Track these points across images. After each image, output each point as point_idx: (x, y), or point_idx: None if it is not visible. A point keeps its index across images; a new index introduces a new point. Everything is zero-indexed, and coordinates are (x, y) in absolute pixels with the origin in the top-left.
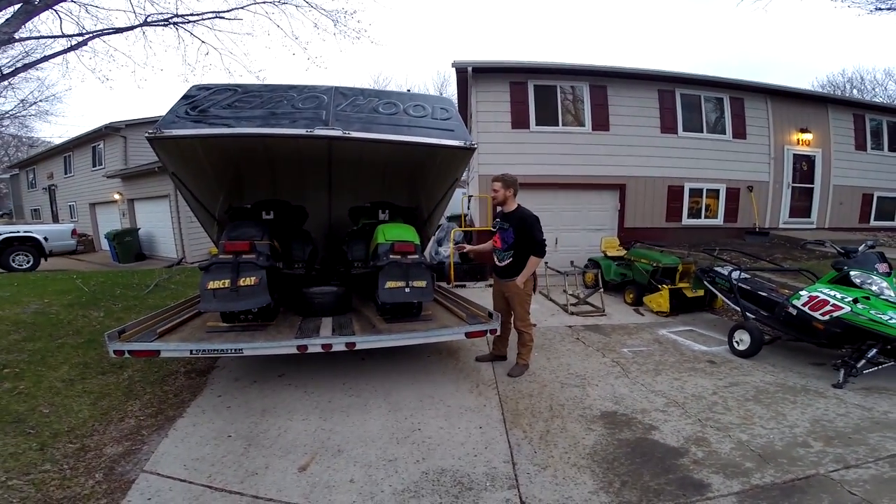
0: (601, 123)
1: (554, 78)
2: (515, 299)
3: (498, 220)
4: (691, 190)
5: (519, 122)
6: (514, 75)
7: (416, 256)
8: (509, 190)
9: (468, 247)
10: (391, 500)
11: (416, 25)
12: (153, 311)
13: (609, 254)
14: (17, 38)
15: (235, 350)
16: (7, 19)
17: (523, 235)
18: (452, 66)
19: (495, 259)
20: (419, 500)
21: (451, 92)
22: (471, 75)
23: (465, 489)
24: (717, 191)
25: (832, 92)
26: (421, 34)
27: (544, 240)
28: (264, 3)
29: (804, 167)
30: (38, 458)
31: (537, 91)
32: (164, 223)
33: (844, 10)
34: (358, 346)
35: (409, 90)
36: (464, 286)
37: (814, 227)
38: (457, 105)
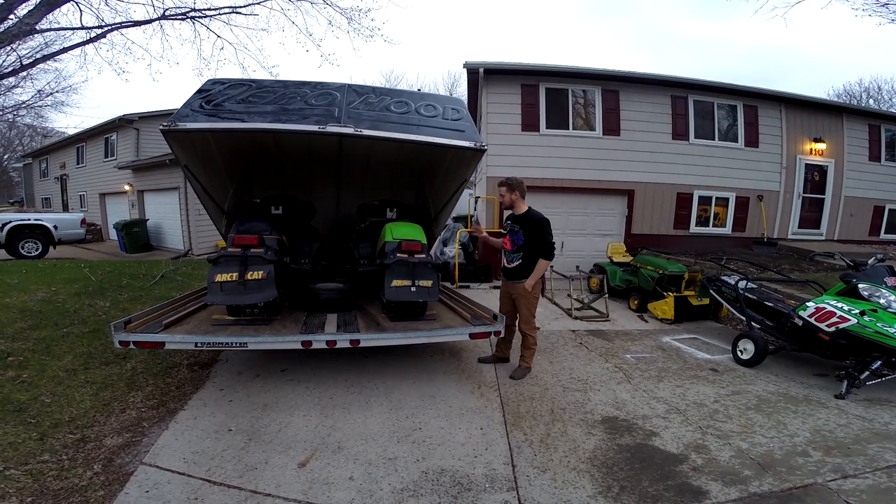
0: (612, 128)
1: (566, 81)
2: (522, 301)
3: (508, 221)
4: (700, 198)
5: (529, 124)
6: (525, 77)
7: (423, 256)
8: (514, 193)
9: (484, 231)
10: (390, 499)
11: (428, 24)
12: (159, 302)
13: (615, 259)
14: (38, 29)
15: (240, 344)
16: (30, 10)
17: (532, 238)
18: (464, 67)
19: (504, 260)
20: (418, 499)
21: (462, 92)
22: (482, 76)
23: (465, 490)
24: (727, 199)
25: (848, 101)
26: (433, 33)
27: (553, 243)
28: None
29: (816, 177)
30: (38, 448)
31: (548, 94)
32: (172, 215)
33: (865, 19)
34: (362, 344)
35: (419, 89)
36: (468, 287)
37: (823, 238)
38: (467, 105)
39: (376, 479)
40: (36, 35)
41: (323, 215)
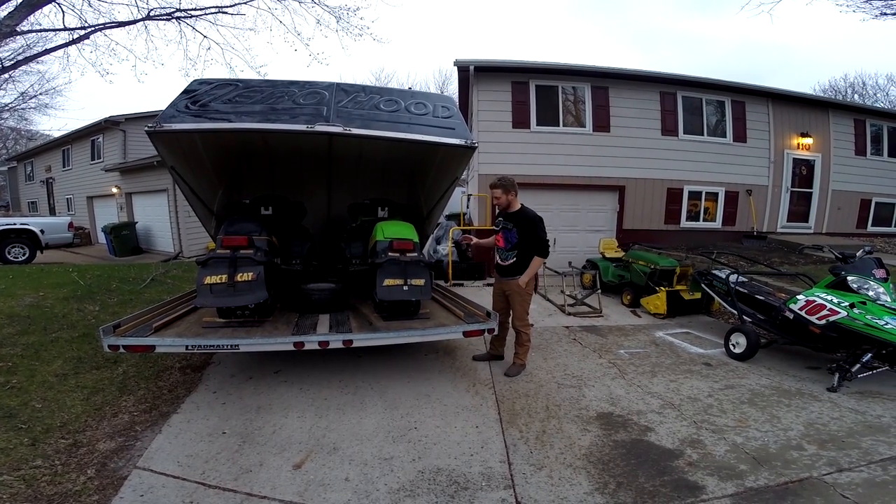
0: (602, 124)
1: (556, 78)
2: (516, 298)
3: (501, 219)
4: (690, 193)
5: (520, 121)
6: (516, 75)
7: (415, 254)
8: (510, 193)
9: (475, 239)
10: (386, 499)
11: (418, 23)
12: (149, 305)
13: (607, 255)
14: (19, 30)
15: (231, 346)
16: (10, 12)
17: (527, 235)
18: (455, 65)
19: (497, 258)
20: (415, 499)
21: (453, 90)
22: (473, 74)
23: (461, 489)
24: (716, 194)
25: (834, 96)
26: (423, 31)
27: (547, 240)
28: None
29: (803, 171)
30: (30, 454)
31: (539, 91)
32: (161, 217)
33: (849, 15)
34: (355, 344)
35: (410, 88)
36: (462, 285)
37: (811, 231)
38: (458, 103)
39: (372, 480)
40: (17, 37)
41: (314, 215)
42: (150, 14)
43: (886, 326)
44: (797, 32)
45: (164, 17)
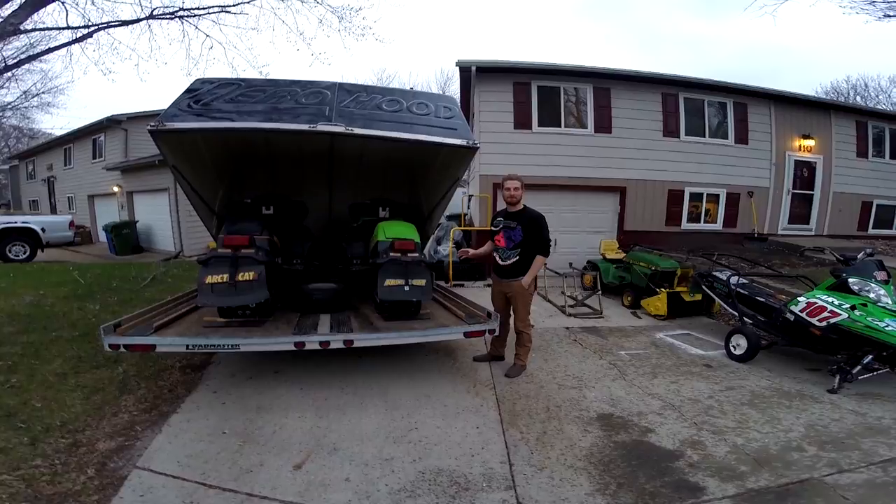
0: (604, 126)
1: (558, 79)
2: (519, 299)
3: (500, 218)
4: (691, 194)
5: (521, 122)
6: (517, 76)
7: (416, 255)
8: (524, 189)
9: (471, 251)
10: (387, 500)
11: (421, 23)
12: (150, 304)
13: (608, 256)
14: (22, 29)
15: (232, 346)
16: (14, 11)
17: (532, 235)
18: (456, 65)
19: (497, 258)
20: (415, 499)
21: (455, 90)
22: (474, 75)
23: (462, 489)
24: (718, 196)
25: (836, 98)
26: (426, 32)
27: (549, 239)
28: None
29: (805, 174)
30: (29, 453)
31: (540, 92)
32: (162, 216)
33: (853, 17)
34: (356, 344)
35: (411, 88)
36: (462, 285)
37: (812, 233)
38: (459, 104)
39: (373, 480)
40: (21, 35)
41: (315, 215)
42: (154, 13)
43: (887, 328)
44: (800, 34)
45: (168, 16)
